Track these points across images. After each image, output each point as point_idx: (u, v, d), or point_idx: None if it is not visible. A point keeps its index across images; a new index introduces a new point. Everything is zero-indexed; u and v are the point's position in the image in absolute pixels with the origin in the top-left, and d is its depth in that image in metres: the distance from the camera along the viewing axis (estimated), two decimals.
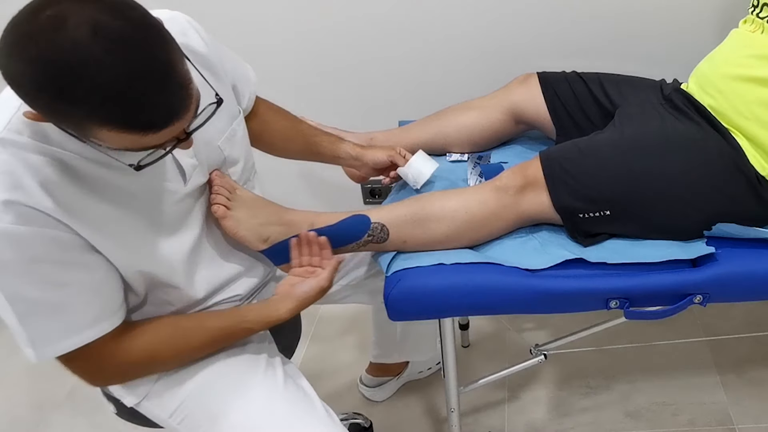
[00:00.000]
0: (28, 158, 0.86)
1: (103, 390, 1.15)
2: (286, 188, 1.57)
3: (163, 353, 1.04)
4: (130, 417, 1.21)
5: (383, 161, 1.37)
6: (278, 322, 1.10)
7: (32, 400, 1.89)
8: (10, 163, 0.85)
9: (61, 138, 0.88)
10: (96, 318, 0.95)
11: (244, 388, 1.11)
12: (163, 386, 1.10)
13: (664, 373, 1.76)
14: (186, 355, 1.08)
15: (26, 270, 0.87)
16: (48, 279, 0.89)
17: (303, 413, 1.10)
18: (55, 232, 0.88)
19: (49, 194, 0.87)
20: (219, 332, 1.09)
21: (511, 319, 1.97)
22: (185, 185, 1.04)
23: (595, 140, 1.27)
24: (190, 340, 1.07)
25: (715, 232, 1.18)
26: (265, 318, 1.10)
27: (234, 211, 1.13)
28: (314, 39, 1.77)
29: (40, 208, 0.86)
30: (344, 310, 2.07)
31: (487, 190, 1.22)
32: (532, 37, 1.70)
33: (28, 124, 0.86)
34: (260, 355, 1.16)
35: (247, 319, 1.10)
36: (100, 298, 0.95)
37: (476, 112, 1.50)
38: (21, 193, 0.85)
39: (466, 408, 1.70)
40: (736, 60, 1.25)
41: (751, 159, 1.20)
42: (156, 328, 1.04)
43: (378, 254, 1.25)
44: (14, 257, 0.85)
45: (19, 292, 0.88)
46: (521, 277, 1.16)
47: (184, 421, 1.10)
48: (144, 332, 1.02)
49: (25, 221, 0.85)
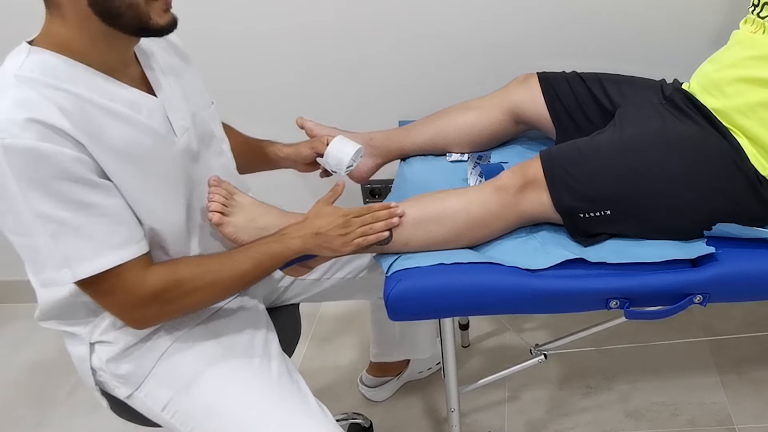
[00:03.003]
0: (43, 90, 0.92)
1: (98, 384, 1.15)
2: (285, 190, 1.57)
3: (189, 282, 1.04)
4: (124, 413, 1.21)
5: (308, 155, 1.39)
6: (293, 253, 1.11)
7: (32, 400, 1.89)
8: (28, 92, 0.91)
9: (69, 75, 0.94)
10: (124, 241, 0.97)
11: (238, 381, 1.11)
12: (157, 378, 1.11)
13: (664, 373, 1.76)
14: (212, 285, 1.06)
15: (52, 188, 0.90)
16: (73, 199, 0.92)
17: (296, 408, 1.10)
18: (74, 152, 0.91)
19: (67, 117, 0.91)
20: (244, 259, 1.08)
21: (511, 319, 1.97)
22: (177, 139, 1.07)
23: (596, 140, 1.27)
24: (214, 268, 1.07)
25: (715, 232, 1.18)
26: (289, 243, 1.10)
27: (232, 216, 1.13)
28: (314, 39, 1.77)
29: (60, 127, 0.90)
30: (344, 310, 2.07)
31: (487, 191, 1.22)
32: (532, 37, 1.70)
33: (39, 64, 0.93)
34: (255, 348, 1.16)
35: (268, 247, 1.10)
36: (124, 223, 0.98)
37: (476, 112, 1.50)
38: (40, 114, 0.89)
39: (466, 408, 1.70)
40: (739, 62, 1.25)
41: (752, 158, 1.20)
42: (180, 260, 1.07)
43: (378, 255, 1.25)
44: (39, 174, 0.89)
45: (48, 211, 0.91)
46: (521, 277, 1.16)
47: (177, 413, 1.10)
48: (169, 264, 1.05)
49: (46, 138, 0.89)
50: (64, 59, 0.95)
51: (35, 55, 0.94)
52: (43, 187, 0.90)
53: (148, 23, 0.96)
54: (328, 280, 1.39)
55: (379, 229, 1.15)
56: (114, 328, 1.11)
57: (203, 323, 1.17)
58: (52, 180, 0.90)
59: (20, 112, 0.88)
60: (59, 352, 1.98)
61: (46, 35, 0.96)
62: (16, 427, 1.82)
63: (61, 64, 0.95)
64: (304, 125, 1.50)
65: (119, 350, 1.11)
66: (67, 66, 0.95)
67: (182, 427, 1.10)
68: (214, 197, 1.12)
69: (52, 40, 0.95)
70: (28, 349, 2.07)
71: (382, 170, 1.58)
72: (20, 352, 2.07)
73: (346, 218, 1.13)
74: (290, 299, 1.41)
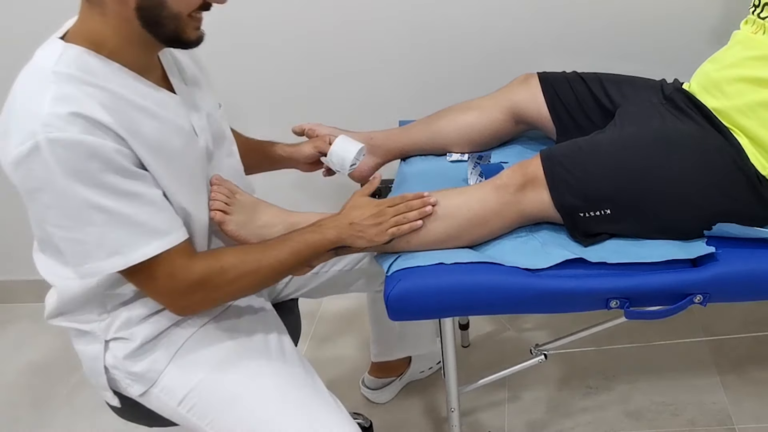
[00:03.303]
0: (82, 87, 0.94)
1: (109, 382, 1.15)
2: (287, 190, 1.57)
3: (233, 270, 1.05)
4: (131, 414, 1.21)
5: (311, 154, 1.41)
6: (329, 242, 1.13)
7: (32, 400, 1.89)
8: (69, 88, 0.93)
9: (104, 73, 0.97)
10: (169, 227, 1.00)
11: (256, 374, 1.12)
12: (173, 373, 1.11)
13: (664, 373, 1.76)
14: (255, 272, 1.08)
15: (99, 180, 0.93)
16: (120, 189, 0.95)
17: (312, 399, 1.12)
18: (117, 145, 0.94)
19: (108, 112, 0.94)
20: (283, 248, 1.10)
21: (511, 319, 1.97)
22: (198, 138, 1.10)
23: (596, 139, 1.27)
24: (256, 256, 1.08)
25: (715, 232, 1.18)
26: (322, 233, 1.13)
27: (234, 215, 1.14)
28: (315, 39, 1.77)
29: (102, 121, 0.93)
30: (344, 309, 2.07)
31: (487, 189, 1.22)
32: (532, 37, 1.70)
33: (74, 60, 0.95)
34: (270, 342, 1.18)
35: (306, 237, 1.12)
36: (166, 210, 1.01)
37: (476, 112, 1.50)
38: (82, 109, 0.92)
39: (466, 408, 1.70)
40: (739, 62, 1.25)
41: (752, 158, 1.20)
42: (222, 250, 1.11)
43: (379, 255, 1.25)
44: (86, 167, 0.91)
45: (97, 201, 0.93)
46: (521, 276, 1.16)
47: (195, 407, 1.11)
48: (212, 252, 1.10)
49: (90, 132, 0.91)
50: (97, 56, 0.97)
51: (70, 51, 0.96)
52: (91, 179, 0.92)
53: (181, 36, 1.00)
54: (326, 273, 1.40)
55: (412, 219, 1.17)
56: (130, 324, 1.11)
57: (216, 320, 1.18)
58: (99, 172, 0.92)
59: (63, 106, 0.91)
60: (59, 352, 2.00)
61: (80, 31, 0.98)
62: (16, 427, 1.82)
63: (95, 61, 0.97)
64: (303, 128, 1.49)
65: (136, 347, 1.11)
66: (101, 63, 0.97)
67: (200, 421, 1.11)
68: (217, 196, 1.13)
69: (86, 37, 0.97)
70: (28, 349, 2.07)
71: (382, 170, 1.58)
72: (20, 352, 2.07)
73: (380, 208, 1.16)
74: (289, 294, 1.42)
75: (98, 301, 1.10)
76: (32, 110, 0.91)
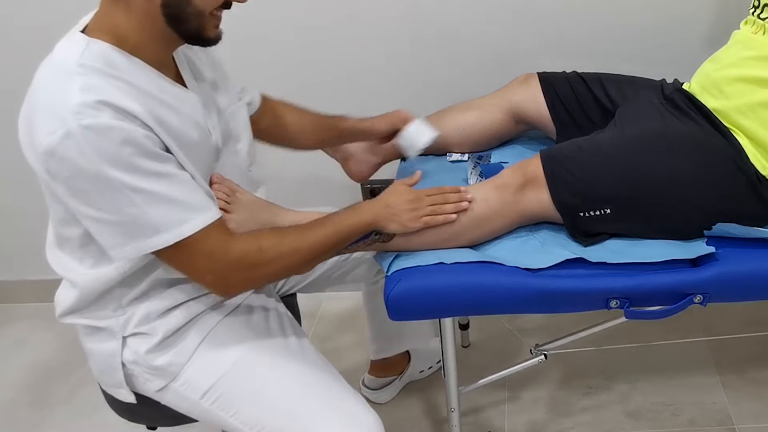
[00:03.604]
0: (108, 79, 0.95)
1: (126, 379, 1.14)
2: (287, 189, 1.57)
3: (272, 250, 1.06)
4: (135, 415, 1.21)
5: (385, 130, 1.46)
6: (364, 224, 1.14)
7: (32, 400, 1.89)
8: (97, 79, 0.94)
9: (127, 67, 0.98)
10: (204, 205, 1.01)
11: (280, 363, 1.14)
12: (196, 366, 1.12)
13: (664, 373, 1.76)
14: (294, 252, 1.08)
15: (134, 163, 0.94)
16: (155, 171, 0.96)
17: (333, 387, 1.14)
18: (145, 131, 0.95)
19: (134, 101, 0.96)
20: (322, 228, 1.11)
21: (511, 319, 1.97)
22: (210, 135, 1.12)
23: (596, 139, 1.27)
24: (294, 237, 1.09)
25: (715, 232, 1.18)
26: (356, 218, 1.14)
27: (234, 213, 1.14)
28: (315, 39, 1.77)
29: (129, 109, 0.94)
30: (344, 309, 2.07)
31: (488, 188, 1.23)
32: (532, 37, 1.70)
33: (99, 54, 0.96)
34: (287, 332, 1.20)
35: (343, 217, 1.13)
36: (198, 189, 1.02)
37: (476, 112, 1.50)
38: (110, 98, 0.93)
39: (466, 408, 1.70)
40: (739, 62, 1.25)
41: (752, 158, 1.20)
42: (260, 231, 1.11)
43: (378, 255, 1.25)
44: (121, 151, 0.92)
45: (134, 184, 0.94)
46: (521, 276, 1.16)
47: (220, 399, 1.12)
48: (250, 233, 1.09)
49: (120, 119, 0.93)
50: (120, 51, 0.98)
51: (95, 46, 0.97)
52: (126, 162, 0.93)
53: (202, 33, 1.02)
54: (323, 265, 1.40)
55: (448, 211, 1.18)
56: (150, 319, 1.11)
57: (233, 314, 1.19)
58: (132, 156, 0.93)
59: (92, 95, 0.92)
60: (59, 352, 2.00)
61: (103, 25, 0.99)
62: (16, 427, 1.82)
63: (118, 56, 0.98)
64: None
65: (157, 341, 1.11)
66: (124, 58, 0.99)
67: (224, 413, 1.12)
68: (217, 194, 1.13)
69: (109, 31, 0.98)
70: (28, 349, 2.07)
71: (382, 170, 1.58)
72: (20, 352, 2.07)
73: (417, 195, 1.18)
74: (289, 290, 1.43)
75: (114, 297, 1.10)
76: (60, 101, 0.92)
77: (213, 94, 1.17)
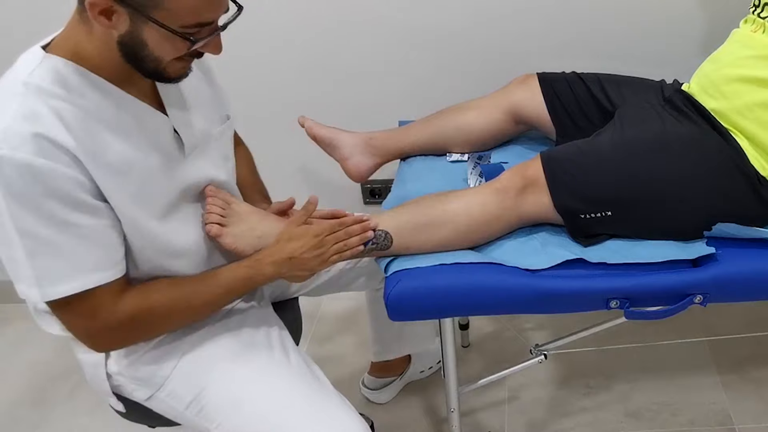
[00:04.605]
0: (51, 102, 0.91)
1: (113, 389, 1.15)
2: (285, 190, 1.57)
3: (161, 309, 1.04)
4: (137, 416, 1.21)
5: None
6: (266, 279, 1.11)
7: (32, 400, 1.89)
8: (35, 103, 0.91)
9: (79, 86, 0.94)
10: (99, 265, 0.96)
11: (263, 375, 1.12)
12: (179, 377, 1.11)
13: (664, 373, 1.76)
14: (184, 311, 1.07)
15: (38, 205, 0.90)
16: (57, 217, 0.91)
17: (319, 398, 1.12)
18: (71, 171, 0.91)
19: (72, 134, 0.91)
20: (217, 286, 1.09)
21: (511, 319, 1.97)
22: (185, 156, 1.07)
23: (596, 141, 1.27)
24: (186, 295, 1.07)
25: (715, 232, 1.18)
26: (258, 270, 1.10)
27: (230, 226, 1.12)
28: (315, 39, 1.77)
29: (64, 144, 0.90)
30: (344, 310, 2.07)
31: (487, 193, 1.22)
32: (532, 37, 1.70)
33: (50, 72, 0.93)
34: (273, 342, 1.18)
35: (241, 273, 1.10)
36: (103, 246, 0.97)
37: (476, 112, 1.50)
38: (43, 128, 0.89)
39: (466, 408, 1.70)
40: (738, 61, 1.25)
41: (752, 159, 1.20)
42: (153, 285, 1.05)
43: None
44: (28, 190, 0.89)
45: (29, 227, 0.90)
46: (521, 277, 1.16)
47: (203, 410, 1.10)
48: (142, 290, 1.04)
49: (45, 155, 0.89)
50: (76, 68, 0.95)
51: (48, 62, 0.94)
52: (29, 202, 0.89)
53: (162, 74, 0.98)
54: (327, 272, 1.39)
55: (353, 245, 1.15)
56: None
57: (218, 322, 1.18)
58: (40, 197, 0.89)
59: (23, 123, 0.88)
60: (59, 352, 2.00)
61: (65, 40, 0.96)
62: (16, 427, 1.82)
63: (72, 73, 0.94)
64: (304, 124, 1.51)
65: (141, 353, 1.11)
66: (78, 76, 0.95)
67: (208, 424, 1.10)
68: (212, 208, 1.11)
69: (69, 47, 0.95)
70: (28, 349, 2.07)
71: (382, 170, 1.58)
72: (20, 352, 2.07)
73: (319, 238, 1.12)
74: (292, 294, 1.42)
75: None
76: None
77: (198, 109, 1.12)
